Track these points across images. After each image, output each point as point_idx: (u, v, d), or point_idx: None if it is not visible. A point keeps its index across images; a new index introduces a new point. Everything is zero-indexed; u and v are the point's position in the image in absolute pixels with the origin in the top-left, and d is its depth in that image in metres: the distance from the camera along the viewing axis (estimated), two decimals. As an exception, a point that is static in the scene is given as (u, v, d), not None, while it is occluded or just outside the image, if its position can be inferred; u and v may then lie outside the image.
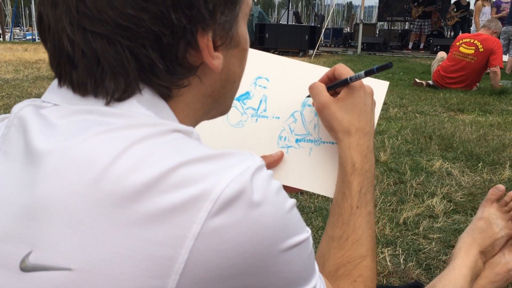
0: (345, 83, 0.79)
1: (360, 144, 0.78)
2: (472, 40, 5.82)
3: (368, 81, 0.82)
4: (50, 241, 0.42)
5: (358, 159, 0.77)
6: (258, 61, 0.91)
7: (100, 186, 0.42)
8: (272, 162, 0.87)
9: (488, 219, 1.17)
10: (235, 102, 0.89)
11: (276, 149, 0.88)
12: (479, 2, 8.67)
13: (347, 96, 0.79)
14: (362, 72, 0.77)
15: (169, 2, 0.47)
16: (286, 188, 0.82)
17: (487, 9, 8.45)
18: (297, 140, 0.89)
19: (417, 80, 6.22)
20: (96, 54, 0.48)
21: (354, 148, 0.77)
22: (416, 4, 13.19)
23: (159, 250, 0.41)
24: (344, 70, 0.80)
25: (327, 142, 0.87)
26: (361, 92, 0.78)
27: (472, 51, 5.77)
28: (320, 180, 0.87)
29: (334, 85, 0.81)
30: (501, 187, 1.22)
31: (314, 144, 0.88)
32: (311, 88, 0.82)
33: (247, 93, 0.91)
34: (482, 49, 5.71)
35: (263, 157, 0.86)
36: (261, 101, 0.91)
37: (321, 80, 0.83)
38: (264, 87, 0.91)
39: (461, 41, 5.89)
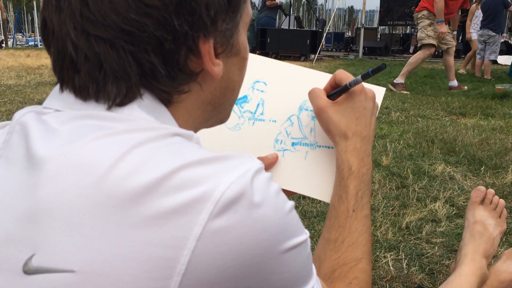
0: (345, 89, 0.79)
1: (357, 148, 0.78)
2: None
3: (365, 87, 0.83)
4: (52, 243, 0.42)
5: (355, 162, 0.77)
6: (256, 65, 0.91)
7: (101, 189, 0.42)
8: (267, 165, 0.87)
9: (481, 221, 1.18)
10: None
11: (272, 152, 0.89)
12: (473, 6, 8.71)
13: (346, 100, 0.79)
14: (359, 77, 0.78)
15: (171, 8, 0.48)
16: (283, 191, 0.83)
17: (480, 11, 8.46)
18: (293, 144, 0.89)
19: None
20: (98, 59, 0.49)
21: (350, 152, 0.78)
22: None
23: (161, 251, 0.41)
24: (344, 75, 0.80)
25: (323, 146, 0.87)
26: (361, 96, 0.79)
27: None
28: (315, 184, 0.87)
29: (335, 92, 0.82)
30: (482, 188, 1.23)
31: (310, 148, 0.88)
32: (310, 93, 0.82)
33: (245, 96, 0.91)
34: None
35: (258, 159, 0.86)
36: (258, 104, 0.91)
37: (324, 89, 0.84)
38: (262, 91, 0.92)
39: None
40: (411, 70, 6.20)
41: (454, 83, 6.36)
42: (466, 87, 6.41)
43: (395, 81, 6.20)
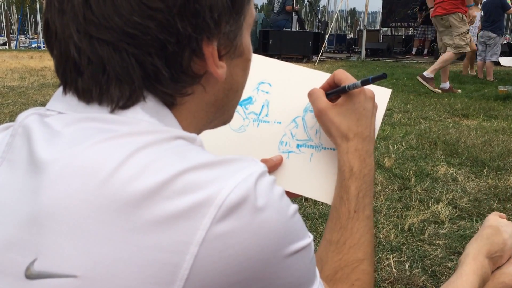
0: (343, 91, 0.79)
1: (358, 149, 0.78)
2: None
3: (370, 88, 0.82)
4: (55, 248, 0.42)
5: (356, 163, 0.77)
6: (261, 66, 0.91)
7: (104, 193, 0.42)
8: (272, 167, 0.87)
9: (496, 226, 1.16)
10: (237, 107, 0.90)
11: (277, 154, 0.88)
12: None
13: (345, 101, 0.79)
14: (359, 82, 0.78)
15: (175, 10, 0.48)
16: (286, 193, 0.83)
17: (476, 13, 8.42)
18: (298, 146, 0.88)
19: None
20: (102, 61, 0.49)
21: (352, 153, 0.78)
22: (423, 12, 13.15)
23: (163, 256, 0.41)
24: (343, 75, 0.80)
25: (328, 148, 0.87)
26: (360, 97, 0.79)
27: None
28: (320, 186, 0.86)
29: (333, 92, 0.81)
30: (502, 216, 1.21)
31: (315, 150, 0.88)
32: (310, 94, 0.82)
33: (249, 98, 0.91)
34: None
35: (263, 161, 0.86)
36: (263, 106, 0.91)
37: (322, 87, 0.83)
38: (267, 92, 0.91)
39: None
40: (441, 68, 6.15)
41: (446, 85, 6.31)
42: (459, 90, 6.33)
43: (425, 74, 6.14)
